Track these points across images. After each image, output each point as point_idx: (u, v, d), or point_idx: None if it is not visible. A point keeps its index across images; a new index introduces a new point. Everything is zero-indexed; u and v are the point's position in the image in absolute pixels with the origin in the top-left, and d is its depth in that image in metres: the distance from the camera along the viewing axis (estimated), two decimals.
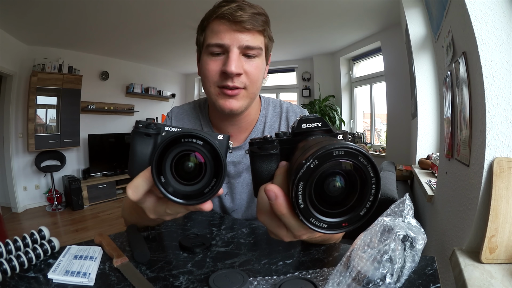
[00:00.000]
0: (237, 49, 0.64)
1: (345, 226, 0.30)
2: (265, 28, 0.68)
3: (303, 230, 0.32)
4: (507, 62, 0.77)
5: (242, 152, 0.79)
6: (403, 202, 0.44)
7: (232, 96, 0.67)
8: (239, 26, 0.63)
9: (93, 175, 4.63)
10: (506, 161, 0.74)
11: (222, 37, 0.64)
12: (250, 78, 0.67)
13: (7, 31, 3.45)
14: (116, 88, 5.16)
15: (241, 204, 0.81)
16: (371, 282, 0.37)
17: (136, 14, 3.17)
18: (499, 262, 0.71)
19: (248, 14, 0.62)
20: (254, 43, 0.65)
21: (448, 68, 1.18)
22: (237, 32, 0.63)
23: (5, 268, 0.45)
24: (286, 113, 0.82)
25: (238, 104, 0.68)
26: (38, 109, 4.09)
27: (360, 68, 4.78)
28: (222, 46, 0.64)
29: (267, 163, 0.36)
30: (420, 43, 2.33)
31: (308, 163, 0.27)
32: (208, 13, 0.67)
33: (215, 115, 0.79)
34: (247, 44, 0.64)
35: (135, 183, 0.37)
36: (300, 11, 3.22)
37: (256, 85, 0.69)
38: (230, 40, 0.63)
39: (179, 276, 0.48)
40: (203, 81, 0.70)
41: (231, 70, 0.62)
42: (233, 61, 0.63)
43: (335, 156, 0.27)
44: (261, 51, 0.68)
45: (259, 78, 0.69)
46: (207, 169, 0.35)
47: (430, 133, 2.36)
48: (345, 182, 0.29)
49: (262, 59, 0.69)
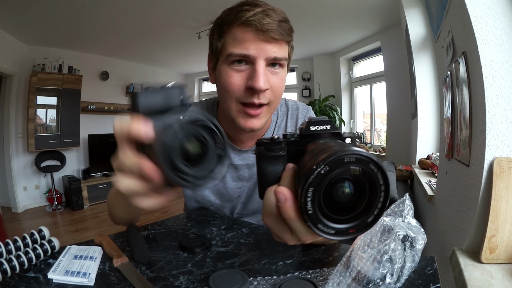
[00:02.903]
0: (264, 61, 0.58)
1: (352, 232, 0.29)
2: (292, 38, 0.62)
3: (309, 235, 0.31)
4: (507, 62, 0.77)
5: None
6: (403, 202, 0.44)
7: (255, 115, 0.62)
8: (266, 35, 0.56)
9: (93, 175, 4.63)
10: (506, 161, 0.74)
11: (248, 47, 0.57)
12: (274, 93, 0.62)
13: (7, 31, 3.45)
14: (116, 88, 5.16)
15: (247, 199, 0.80)
16: (371, 282, 0.37)
17: (136, 14, 3.17)
18: (499, 262, 0.71)
19: (276, 22, 0.57)
20: (281, 54, 0.60)
21: (448, 68, 1.18)
22: (264, 42, 0.57)
23: (5, 268, 0.45)
24: (292, 111, 0.80)
25: (260, 123, 0.64)
26: (38, 109, 4.09)
27: (360, 68, 4.78)
28: (247, 57, 0.58)
29: (274, 164, 0.35)
30: (420, 43, 2.33)
31: (319, 168, 0.27)
32: (229, 17, 0.60)
33: (227, 123, 0.70)
34: (274, 56, 0.58)
35: None
36: (300, 11, 3.22)
37: (279, 100, 0.65)
38: (257, 51, 0.57)
39: (179, 276, 0.48)
40: (223, 94, 0.63)
41: (260, 86, 0.57)
42: (261, 76, 0.57)
43: (346, 162, 0.27)
44: (286, 62, 0.63)
45: (282, 91, 0.65)
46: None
47: (430, 133, 2.36)
48: (354, 188, 0.29)
49: (285, 70, 0.65)
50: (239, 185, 0.78)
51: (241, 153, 0.76)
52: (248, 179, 0.77)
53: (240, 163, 0.76)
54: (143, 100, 0.33)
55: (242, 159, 0.76)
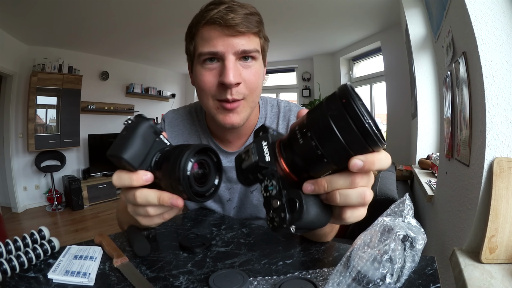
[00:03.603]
0: (233, 55, 0.59)
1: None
2: (260, 29, 0.62)
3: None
4: (507, 62, 0.77)
5: None
6: (403, 202, 0.44)
7: (232, 110, 0.62)
8: (232, 30, 0.57)
9: (93, 175, 4.63)
10: (506, 161, 0.74)
11: (215, 44, 0.58)
12: (249, 86, 0.62)
13: (7, 31, 3.45)
14: (116, 88, 5.16)
15: (240, 203, 0.81)
16: (371, 282, 0.37)
17: (136, 14, 3.17)
18: (499, 262, 0.71)
19: (240, 16, 0.57)
20: (251, 47, 0.60)
21: (448, 68, 1.18)
22: (230, 37, 0.58)
23: (5, 268, 0.45)
24: (284, 112, 0.78)
25: (239, 118, 0.64)
26: (38, 109, 4.10)
27: (360, 68, 4.79)
28: (216, 54, 0.59)
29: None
30: (420, 43, 2.33)
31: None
32: (196, 19, 0.61)
33: (214, 124, 0.74)
34: (243, 49, 0.59)
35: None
36: (300, 11, 3.22)
37: (255, 93, 0.65)
38: (224, 47, 0.58)
39: (179, 276, 0.48)
40: (199, 93, 0.65)
41: (229, 81, 0.57)
42: (230, 70, 0.58)
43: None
44: (258, 54, 0.63)
45: (258, 84, 0.64)
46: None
47: (430, 133, 2.36)
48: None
49: (259, 63, 0.65)
50: (228, 187, 0.78)
51: (229, 155, 0.76)
52: (236, 181, 0.77)
53: (228, 165, 0.76)
54: (128, 156, 0.38)
55: (230, 161, 0.76)
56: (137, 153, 0.39)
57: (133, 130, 0.40)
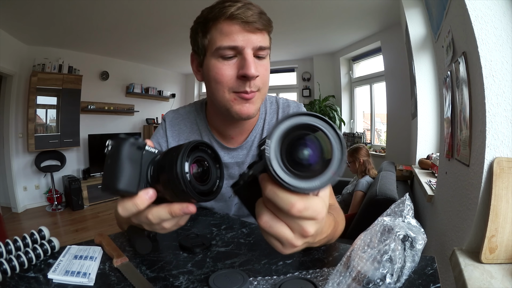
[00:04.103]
0: (251, 50, 0.62)
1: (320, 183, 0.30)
2: (271, 27, 0.66)
3: (295, 200, 0.31)
4: (507, 62, 0.77)
5: (244, 151, 0.78)
6: (403, 202, 0.44)
7: (249, 100, 0.65)
8: (251, 26, 0.61)
9: (93, 175, 4.63)
10: (506, 161, 0.74)
11: (236, 38, 0.61)
12: (263, 80, 0.66)
13: (7, 31, 3.45)
14: (116, 88, 5.16)
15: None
16: (371, 282, 0.37)
17: (136, 14, 3.17)
18: (499, 262, 0.71)
19: (257, 14, 0.61)
20: (265, 43, 0.64)
21: (448, 68, 1.18)
22: (250, 33, 0.61)
23: (5, 268, 0.45)
24: (283, 108, 0.81)
25: (254, 108, 0.67)
26: (38, 109, 4.09)
27: (360, 68, 4.79)
28: (235, 49, 0.62)
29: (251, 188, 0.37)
30: (420, 43, 2.33)
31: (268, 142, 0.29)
32: (213, 14, 0.63)
33: (217, 119, 0.76)
34: (260, 45, 0.62)
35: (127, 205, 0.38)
36: (300, 11, 3.22)
37: (267, 86, 0.69)
38: (244, 42, 0.61)
39: (179, 276, 0.48)
40: (214, 87, 0.65)
41: (252, 73, 0.60)
42: (252, 63, 0.61)
43: (291, 128, 0.30)
44: (269, 51, 0.68)
45: (268, 79, 0.69)
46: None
47: (430, 133, 2.36)
48: (310, 147, 0.30)
49: (268, 59, 0.69)
50: (230, 183, 0.78)
51: (230, 151, 0.78)
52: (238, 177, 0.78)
53: (230, 161, 0.78)
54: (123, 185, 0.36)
55: (231, 157, 0.78)
56: (130, 178, 0.36)
57: (116, 155, 0.37)
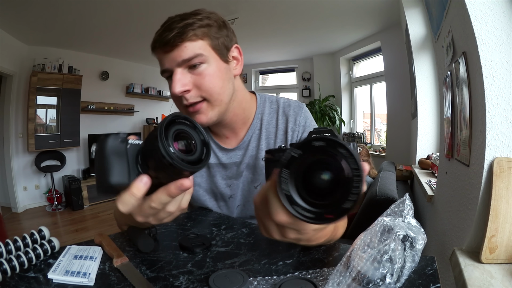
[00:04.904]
0: (178, 67, 0.64)
1: (328, 218, 0.30)
2: (201, 32, 0.64)
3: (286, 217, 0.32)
4: (507, 62, 0.77)
5: (241, 151, 0.79)
6: (403, 202, 0.44)
7: (195, 112, 0.67)
8: (168, 46, 0.63)
9: (93, 175, 4.62)
10: (506, 161, 0.74)
11: (163, 63, 0.65)
12: (202, 88, 0.65)
13: (7, 31, 3.45)
14: (116, 88, 5.16)
15: (244, 200, 0.81)
16: (371, 282, 0.37)
17: (136, 14, 3.17)
18: (499, 262, 0.71)
19: (174, 32, 0.62)
20: (189, 54, 0.63)
21: (448, 68, 1.18)
22: (168, 52, 0.64)
23: (5, 268, 0.45)
24: (283, 108, 0.80)
25: (206, 117, 0.68)
26: (38, 109, 4.10)
27: (360, 68, 4.79)
28: (167, 71, 0.66)
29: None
30: (420, 43, 2.33)
31: (291, 152, 0.29)
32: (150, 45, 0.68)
33: None
34: (182, 59, 0.63)
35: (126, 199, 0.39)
36: (300, 11, 3.22)
37: (214, 92, 0.66)
38: (168, 63, 0.64)
39: (179, 276, 0.48)
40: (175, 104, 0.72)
41: (174, 92, 0.63)
42: (174, 82, 0.63)
43: (316, 146, 0.29)
44: (204, 57, 0.64)
45: (214, 84, 0.66)
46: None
47: (430, 133, 2.36)
48: (331, 174, 0.30)
49: (211, 62, 0.66)
50: (229, 183, 0.81)
51: (228, 152, 0.80)
52: (236, 176, 0.80)
53: (228, 161, 0.80)
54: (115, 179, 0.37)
55: (229, 158, 0.80)
56: (119, 171, 0.37)
57: (101, 153, 0.37)
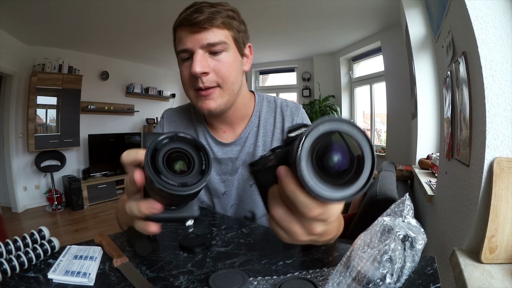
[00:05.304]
0: (201, 49, 0.65)
1: (351, 195, 0.29)
2: (228, 22, 0.67)
3: (316, 207, 0.30)
4: (507, 62, 0.77)
5: (238, 147, 0.79)
6: (403, 202, 0.44)
7: (207, 96, 0.68)
8: (196, 27, 0.64)
9: (93, 175, 4.63)
10: (506, 161, 0.74)
11: (185, 42, 0.66)
12: (220, 74, 0.67)
13: (7, 31, 3.45)
14: (116, 88, 5.16)
15: (238, 199, 0.81)
16: (371, 282, 0.37)
17: (136, 14, 3.17)
18: (499, 262, 0.71)
19: (205, 15, 0.63)
20: (215, 39, 0.65)
21: (448, 68, 1.18)
22: (195, 33, 0.65)
23: (5, 268, 0.45)
24: (280, 107, 0.82)
25: (215, 104, 0.69)
26: (38, 109, 4.09)
27: (360, 68, 4.79)
28: (187, 51, 0.66)
29: (268, 174, 0.36)
30: (420, 43, 2.33)
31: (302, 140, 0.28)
32: (174, 24, 0.69)
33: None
34: (207, 42, 0.65)
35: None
36: (300, 11, 3.22)
37: (229, 80, 0.68)
38: (191, 43, 0.65)
39: (179, 276, 0.48)
40: (183, 87, 0.72)
41: (195, 71, 0.64)
42: (196, 62, 0.64)
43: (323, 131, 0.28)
44: (227, 45, 0.67)
45: (230, 73, 0.68)
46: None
47: (430, 133, 2.37)
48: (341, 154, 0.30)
49: (231, 53, 0.69)
50: (223, 179, 0.81)
51: (224, 147, 0.80)
52: (231, 172, 0.81)
53: (223, 157, 0.80)
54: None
55: (225, 153, 0.80)
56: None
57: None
